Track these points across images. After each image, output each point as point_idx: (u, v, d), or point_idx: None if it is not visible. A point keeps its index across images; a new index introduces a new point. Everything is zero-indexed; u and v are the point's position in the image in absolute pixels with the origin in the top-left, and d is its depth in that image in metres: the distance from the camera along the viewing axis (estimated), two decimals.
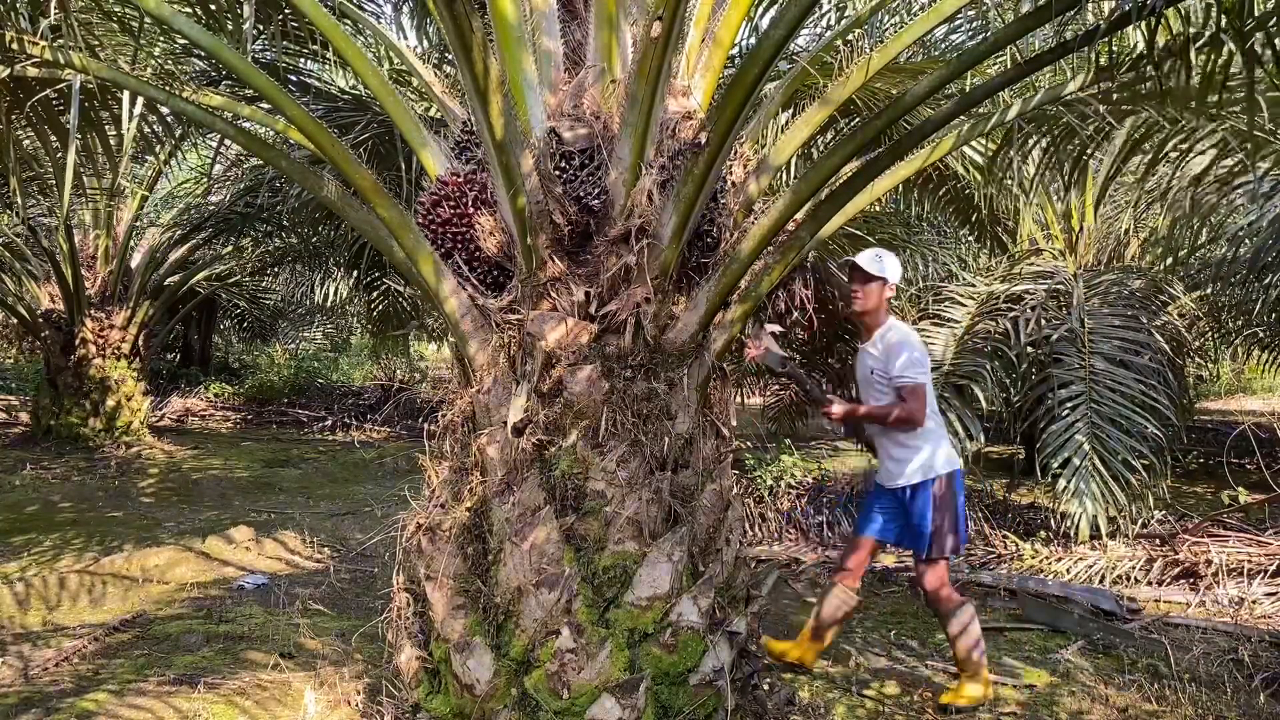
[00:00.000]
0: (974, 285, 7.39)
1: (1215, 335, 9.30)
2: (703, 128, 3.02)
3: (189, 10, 4.39)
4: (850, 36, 4.20)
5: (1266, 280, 7.67)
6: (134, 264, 11.36)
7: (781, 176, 5.52)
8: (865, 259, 3.79)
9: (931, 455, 3.75)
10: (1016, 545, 5.98)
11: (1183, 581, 5.38)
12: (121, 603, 4.97)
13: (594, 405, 2.90)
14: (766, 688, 3.39)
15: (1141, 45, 3.13)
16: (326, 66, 6.00)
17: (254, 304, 16.57)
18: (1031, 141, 4.49)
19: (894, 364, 3.70)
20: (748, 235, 3.01)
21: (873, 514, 3.93)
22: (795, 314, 4.00)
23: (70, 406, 10.53)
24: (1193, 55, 2.98)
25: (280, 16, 4.63)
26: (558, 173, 2.91)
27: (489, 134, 2.81)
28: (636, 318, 2.94)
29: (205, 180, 10.44)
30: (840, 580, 3.92)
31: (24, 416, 12.01)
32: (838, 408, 3.80)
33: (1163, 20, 2.70)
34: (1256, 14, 2.67)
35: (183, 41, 4.63)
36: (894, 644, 4.51)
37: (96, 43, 4.23)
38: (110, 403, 10.66)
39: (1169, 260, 8.21)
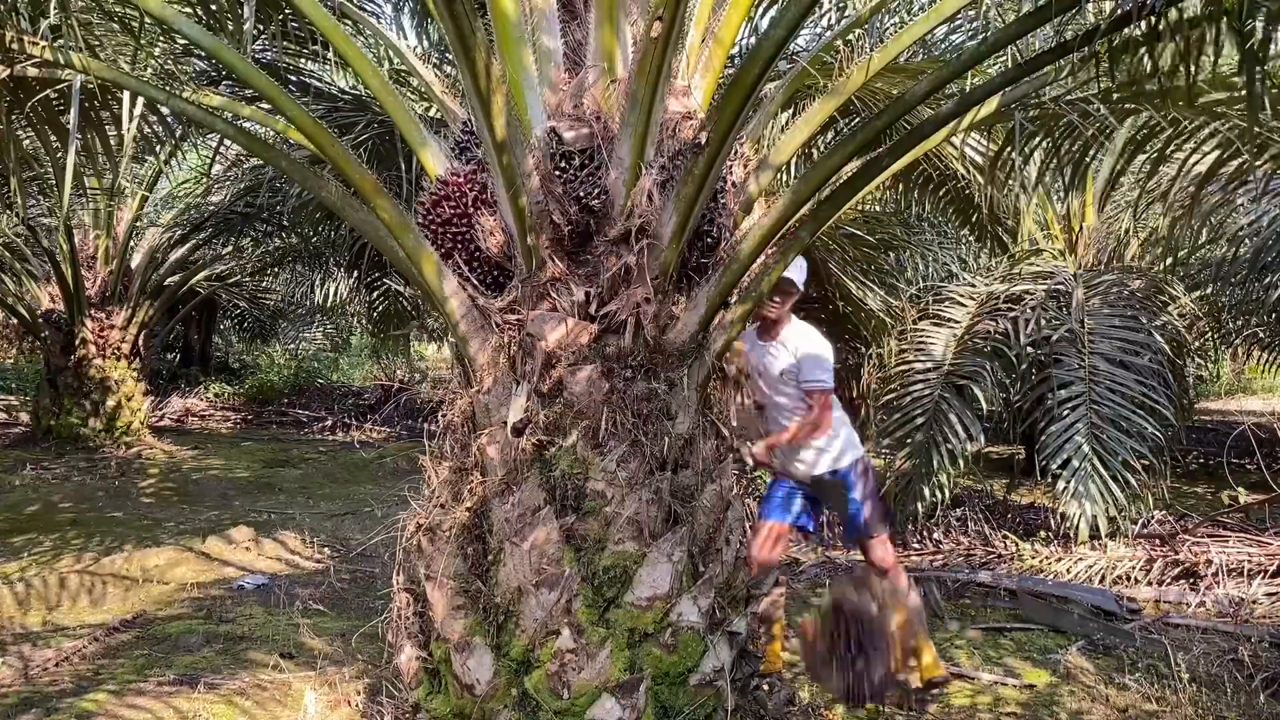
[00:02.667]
0: (974, 285, 7.39)
1: (1215, 335, 9.30)
2: (703, 128, 3.02)
3: (189, 11, 4.40)
4: (850, 36, 4.20)
5: (1267, 280, 7.67)
6: (134, 264, 11.35)
7: (781, 176, 5.52)
8: (794, 274, 3.73)
9: (845, 443, 3.87)
10: (1016, 545, 5.98)
11: (1183, 581, 5.38)
12: (121, 603, 4.97)
13: (594, 405, 2.90)
14: (766, 688, 3.39)
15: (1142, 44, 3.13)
16: (326, 67, 6.00)
17: (254, 304, 16.56)
18: (1034, 142, 4.49)
19: (804, 369, 3.75)
20: (748, 235, 3.01)
21: (777, 499, 3.96)
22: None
23: (70, 406, 10.53)
24: (1193, 55, 2.98)
25: (280, 17, 4.63)
26: (558, 173, 2.91)
27: (489, 134, 2.81)
28: (636, 318, 2.94)
29: (205, 180, 10.44)
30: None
31: (24, 416, 12.00)
32: (759, 449, 3.84)
33: (1163, 19, 2.69)
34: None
35: (183, 42, 4.63)
36: None
37: (96, 43, 4.23)
38: (110, 403, 10.66)
39: (1169, 260, 8.20)
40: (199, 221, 11.58)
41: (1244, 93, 3.02)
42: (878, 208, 7.45)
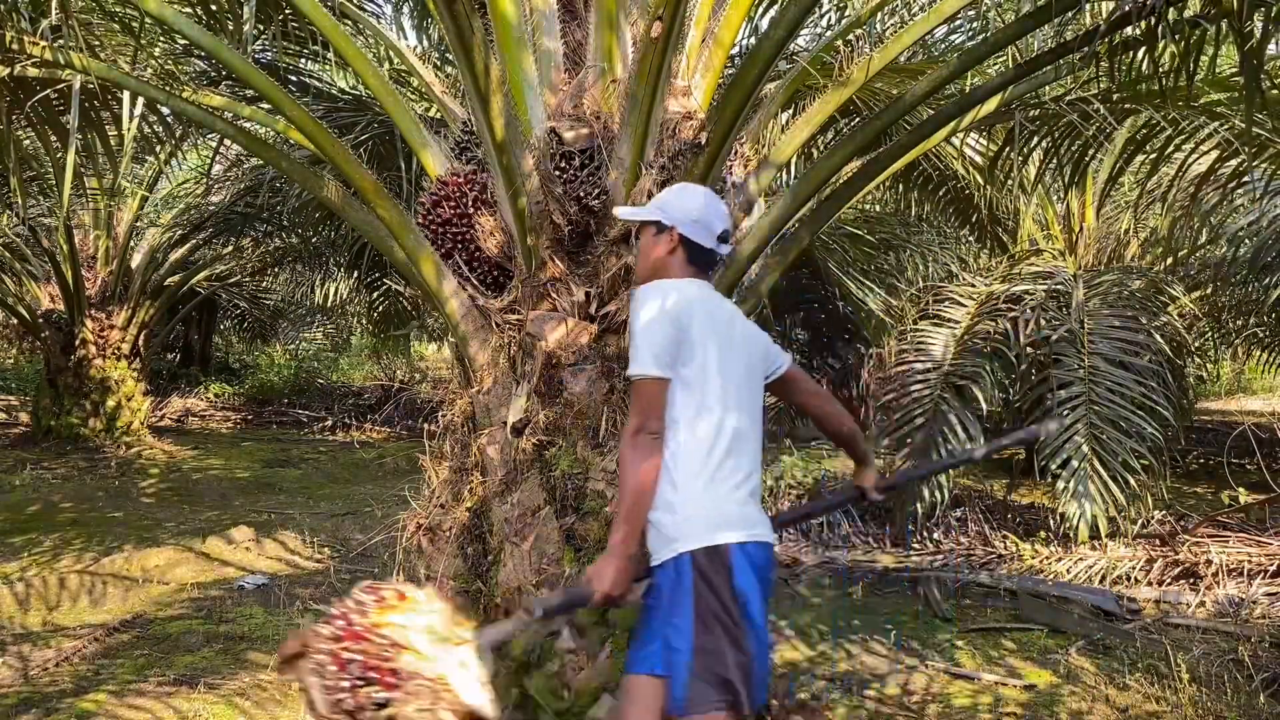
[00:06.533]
0: (974, 285, 7.38)
1: (1215, 335, 9.30)
2: (703, 128, 3.02)
3: (189, 11, 4.40)
4: (850, 37, 4.20)
5: (1266, 280, 7.67)
6: (134, 264, 11.35)
7: (781, 176, 5.52)
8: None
9: (681, 515, 2.13)
10: (1016, 545, 5.98)
11: (1183, 581, 5.37)
12: (121, 603, 4.97)
13: (594, 405, 2.90)
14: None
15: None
16: (326, 67, 6.00)
17: (254, 304, 16.55)
18: (1034, 142, 4.49)
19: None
20: (748, 235, 3.02)
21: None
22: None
23: (70, 407, 10.52)
24: (1192, 55, 2.99)
25: (280, 17, 4.64)
26: (558, 173, 2.91)
27: (489, 134, 2.81)
28: None
29: (205, 180, 10.44)
30: None
31: (24, 416, 12.00)
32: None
33: (1163, 19, 2.70)
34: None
35: (183, 42, 4.63)
36: (894, 644, 4.51)
37: (97, 43, 4.24)
38: (110, 403, 10.65)
39: (1169, 260, 8.20)
40: (199, 221, 11.57)
41: (1244, 93, 3.02)
42: (878, 208, 7.45)
